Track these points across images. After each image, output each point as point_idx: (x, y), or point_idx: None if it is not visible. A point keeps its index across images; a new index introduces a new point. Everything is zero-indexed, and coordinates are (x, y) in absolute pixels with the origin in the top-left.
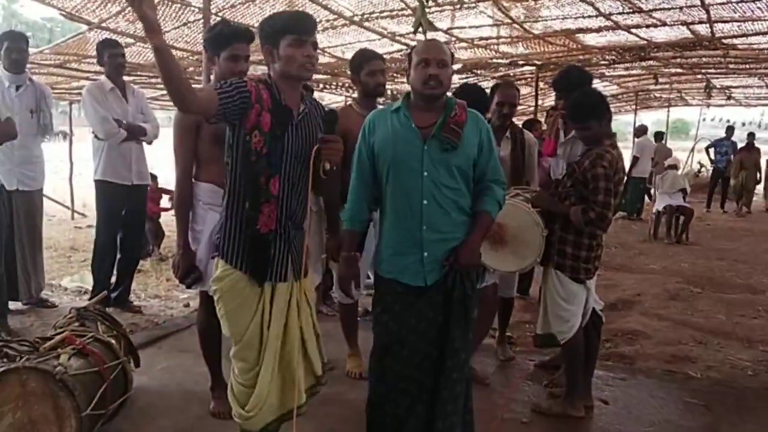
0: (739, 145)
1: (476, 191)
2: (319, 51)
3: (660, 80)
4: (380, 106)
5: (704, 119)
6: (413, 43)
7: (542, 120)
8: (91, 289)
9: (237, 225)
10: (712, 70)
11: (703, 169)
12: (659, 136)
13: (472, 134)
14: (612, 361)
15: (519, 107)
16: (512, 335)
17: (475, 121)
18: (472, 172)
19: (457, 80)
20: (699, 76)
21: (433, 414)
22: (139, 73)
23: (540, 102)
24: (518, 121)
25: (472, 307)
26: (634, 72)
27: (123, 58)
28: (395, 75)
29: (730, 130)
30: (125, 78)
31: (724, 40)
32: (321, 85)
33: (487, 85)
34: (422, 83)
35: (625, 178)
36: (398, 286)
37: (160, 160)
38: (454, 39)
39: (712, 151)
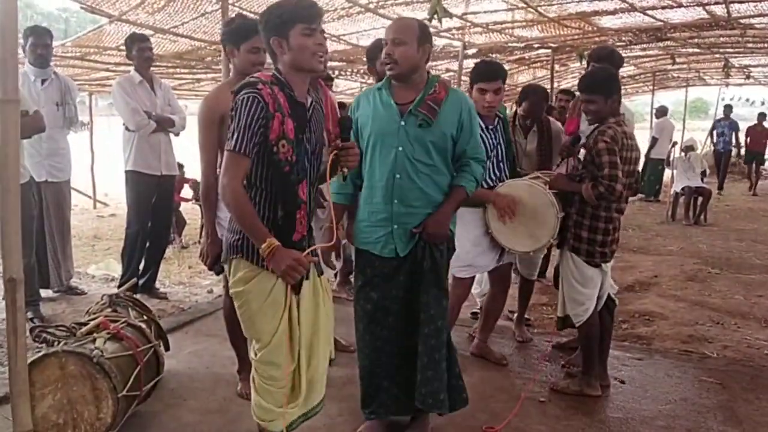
0: (742, 125)
1: (456, 168)
2: (334, 38)
3: (677, 60)
4: None
5: (723, 98)
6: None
7: (553, 104)
8: (116, 276)
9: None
10: (730, 50)
11: (741, 150)
12: (661, 111)
13: (452, 112)
14: (629, 341)
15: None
16: (530, 317)
17: (456, 100)
18: (450, 149)
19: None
20: (717, 56)
21: (415, 380)
22: (158, 63)
23: (556, 85)
24: None
25: (443, 276)
26: (651, 52)
27: (151, 52)
28: None
29: (727, 108)
30: None
31: (741, 20)
32: (337, 72)
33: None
34: (381, 64)
35: (643, 159)
36: (373, 258)
37: (185, 149)
38: (469, 24)
39: (715, 133)
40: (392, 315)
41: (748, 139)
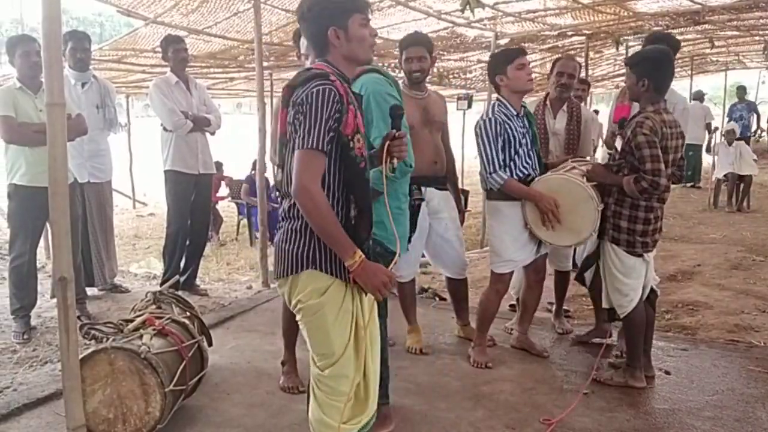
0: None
1: None
2: None
3: (716, 44)
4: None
5: (764, 82)
6: (460, 21)
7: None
8: (158, 273)
9: None
10: None
11: (763, 133)
12: (694, 96)
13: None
14: (673, 332)
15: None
16: (569, 309)
17: (360, 86)
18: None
19: None
20: (757, 38)
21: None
22: (192, 64)
23: (591, 72)
24: None
25: None
26: (688, 36)
27: (186, 53)
28: (443, 53)
29: (741, 90)
30: None
31: None
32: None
33: (536, 57)
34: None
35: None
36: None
37: (222, 149)
38: (501, 14)
39: (734, 123)
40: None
41: None
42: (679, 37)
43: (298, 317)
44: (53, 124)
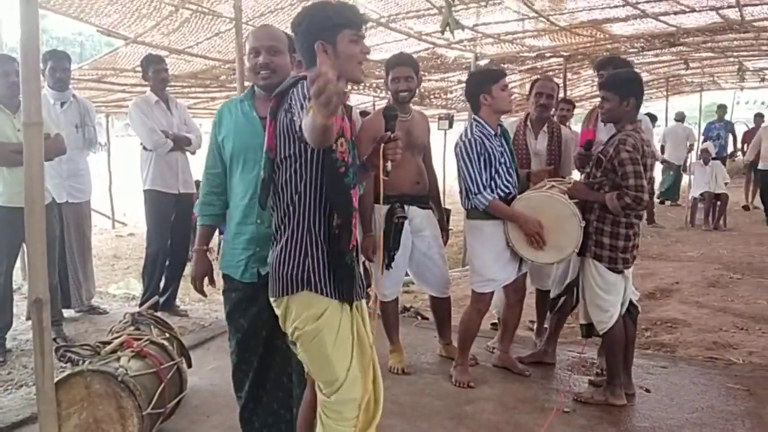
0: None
1: None
2: None
3: (691, 65)
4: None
5: (738, 102)
6: (440, 42)
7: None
8: (137, 295)
9: (321, 250)
10: (744, 53)
11: (738, 153)
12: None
13: None
14: (652, 349)
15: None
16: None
17: None
18: None
19: None
20: (731, 60)
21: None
22: (173, 83)
23: (569, 92)
24: None
25: None
26: (664, 58)
27: (166, 73)
28: (423, 73)
29: (721, 109)
30: None
31: (755, 23)
32: (349, 87)
33: (515, 78)
34: (255, 73)
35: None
36: (235, 283)
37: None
38: (480, 35)
39: (710, 143)
40: (260, 340)
41: (745, 146)
42: (654, 59)
43: (297, 347)
44: (30, 144)
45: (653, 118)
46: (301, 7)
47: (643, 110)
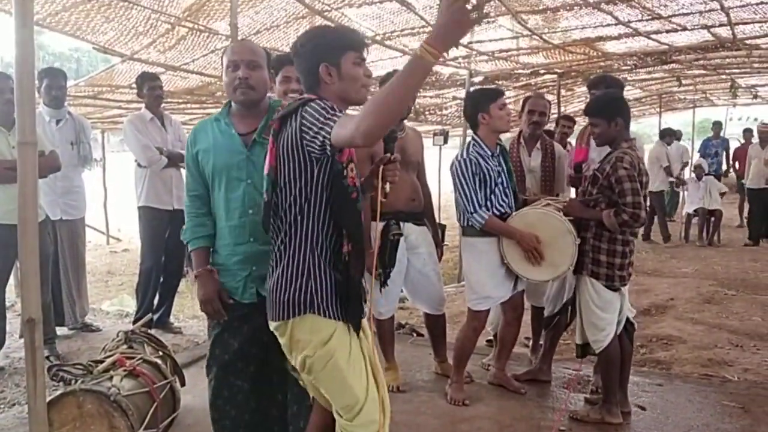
0: (732, 143)
1: None
2: None
3: (683, 82)
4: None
5: (731, 119)
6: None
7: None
8: (130, 312)
9: (325, 272)
10: (737, 70)
11: (731, 169)
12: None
13: None
14: (648, 367)
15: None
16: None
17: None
18: None
19: None
20: (723, 77)
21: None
22: (169, 99)
23: (563, 109)
24: None
25: None
26: (656, 75)
27: (161, 90)
28: (419, 90)
29: (717, 125)
30: None
31: (746, 41)
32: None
33: (510, 95)
34: (233, 89)
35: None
36: (233, 303)
37: None
38: (475, 52)
39: (703, 159)
40: (253, 363)
41: (737, 163)
42: (646, 76)
43: (309, 376)
44: (24, 163)
45: (678, 135)
46: (296, 25)
47: (635, 127)
